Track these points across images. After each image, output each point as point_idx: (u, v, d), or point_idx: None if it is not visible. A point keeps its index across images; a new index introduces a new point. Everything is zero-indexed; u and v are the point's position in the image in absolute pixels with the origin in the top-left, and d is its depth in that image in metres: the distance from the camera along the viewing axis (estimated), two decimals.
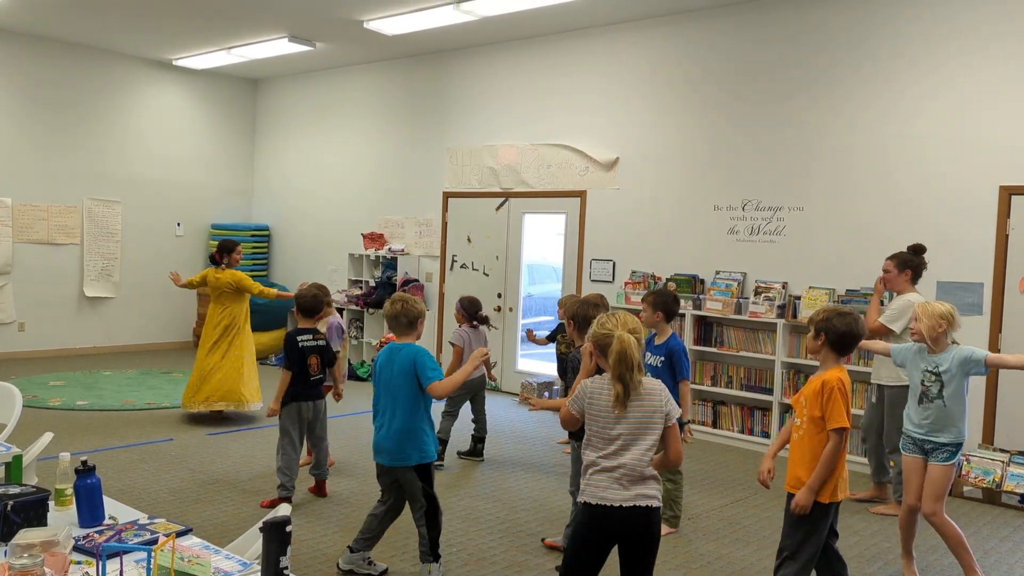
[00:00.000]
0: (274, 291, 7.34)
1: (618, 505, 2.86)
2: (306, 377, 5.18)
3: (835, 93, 6.88)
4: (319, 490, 5.37)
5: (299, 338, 5.22)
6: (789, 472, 3.47)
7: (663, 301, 4.86)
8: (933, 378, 4.07)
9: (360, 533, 4.05)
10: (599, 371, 4.01)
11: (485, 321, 6.40)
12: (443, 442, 6.12)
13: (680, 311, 7.30)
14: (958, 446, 4.08)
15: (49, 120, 10.19)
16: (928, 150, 6.44)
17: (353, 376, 9.50)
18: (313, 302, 5.36)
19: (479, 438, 6.35)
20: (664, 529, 4.60)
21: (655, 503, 2.89)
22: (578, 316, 4.17)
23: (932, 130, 6.42)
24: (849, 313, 3.45)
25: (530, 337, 6.77)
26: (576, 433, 4.11)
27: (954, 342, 4.10)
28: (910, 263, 5.44)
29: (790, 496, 3.43)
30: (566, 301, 6.50)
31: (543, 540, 4.59)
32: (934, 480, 4.08)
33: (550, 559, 4.38)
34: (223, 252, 7.21)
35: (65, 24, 9.39)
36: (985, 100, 6.18)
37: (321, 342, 5.31)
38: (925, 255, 5.54)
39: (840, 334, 3.40)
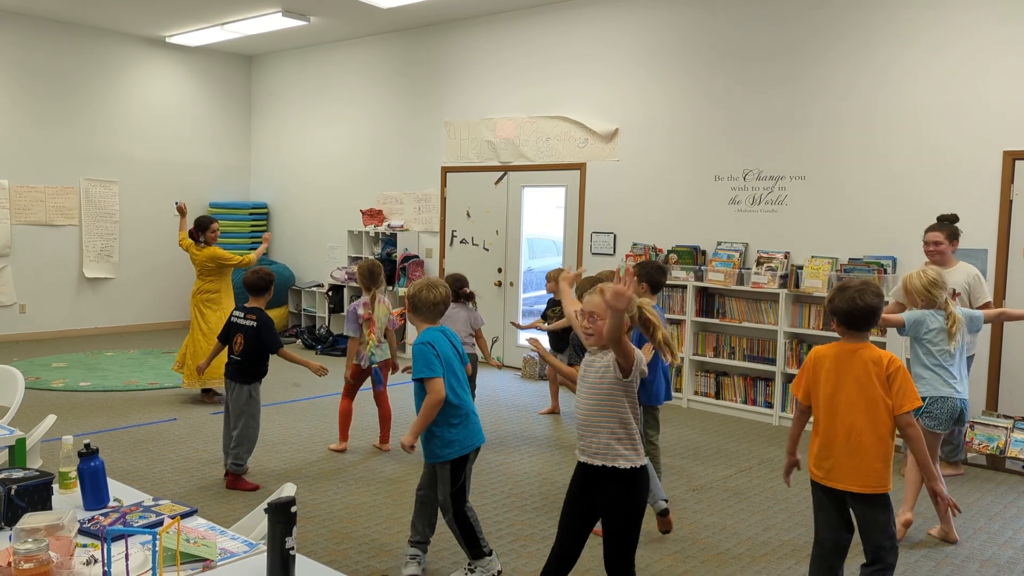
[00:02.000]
0: (251, 255, 7.31)
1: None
2: (228, 354, 5.11)
3: (835, 60, 6.80)
4: (229, 481, 5.05)
5: (234, 313, 5.14)
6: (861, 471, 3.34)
7: (647, 272, 4.94)
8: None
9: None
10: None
11: (470, 298, 6.22)
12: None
13: (682, 283, 7.31)
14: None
15: (43, 100, 10.10)
16: (930, 115, 6.37)
17: None
18: (257, 281, 5.14)
19: None
20: None
21: None
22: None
23: (934, 95, 6.35)
24: (847, 287, 3.24)
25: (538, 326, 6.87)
26: None
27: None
28: (958, 233, 5.39)
29: (876, 498, 3.25)
30: (557, 276, 6.47)
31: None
32: None
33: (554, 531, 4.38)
34: (199, 230, 7.25)
35: (56, 2, 9.27)
36: (989, 63, 6.11)
37: (252, 323, 5.03)
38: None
39: (845, 313, 3.23)
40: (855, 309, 3.20)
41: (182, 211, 7.51)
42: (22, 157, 9.98)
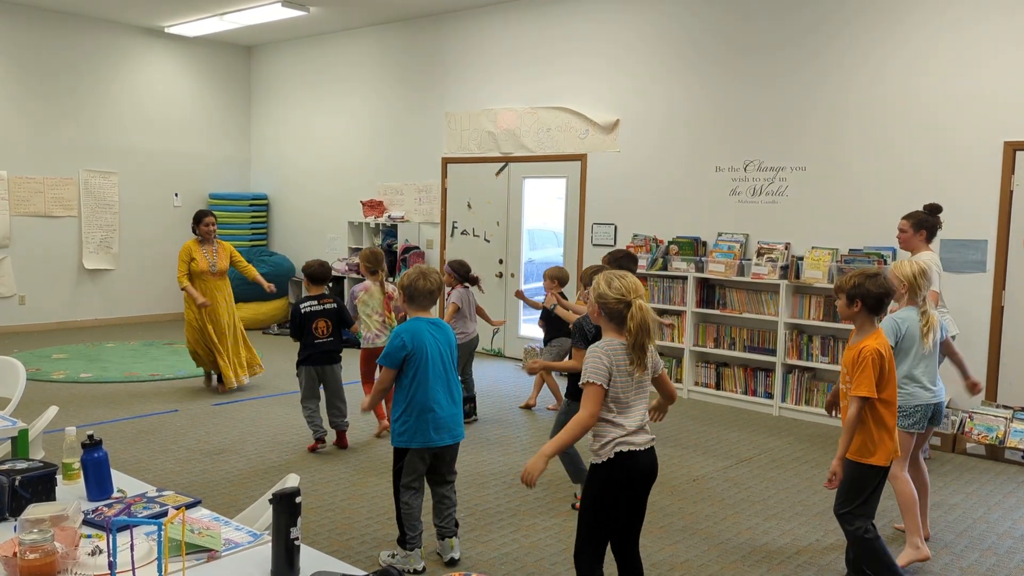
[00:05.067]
0: (184, 283, 6.97)
1: (641, 448, 2.93)
2: (311, 341, 5.46)
3: (835, 49, 6.78)
4: (340, 440, 5.68)
5: (302, 306, 5.46)
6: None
7: (616, 260, 5.10)
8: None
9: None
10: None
11: (476, 282, 6.55)
12: (470, 399, 6.42)
13: (683, 274, 7.32)
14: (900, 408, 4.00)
15: (42, 91, 10.07)
16: (931, 105, 6.36)
17: (356, 343, 9.49)
18: (320, 270, 5.64)
19: (468, 398, 6.41)
20: None
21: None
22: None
23: (934, 85, 6.34)
24: (878, 273, 3.43)
25: (519, 296, 6.92)
26: (573, 391, 4.26)
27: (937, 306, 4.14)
28: (925, 223, 5.38)
29: (847, 462, 3.44)
30: (554, 274, 6.53)
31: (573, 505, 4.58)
32: None
33: (557, 515, 4.41)
34: (194, 223, 7.14)
35: None
36: (990, 52, 6.09)
37: (329, 306, 5.54)
38: (941, 214, 5.50)
39: (877, 298, 3.38)
40: (890, 293, 3.44)
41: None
42: (21, 148, 9.95)
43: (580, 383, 2.92)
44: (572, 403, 4.25)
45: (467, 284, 6.48)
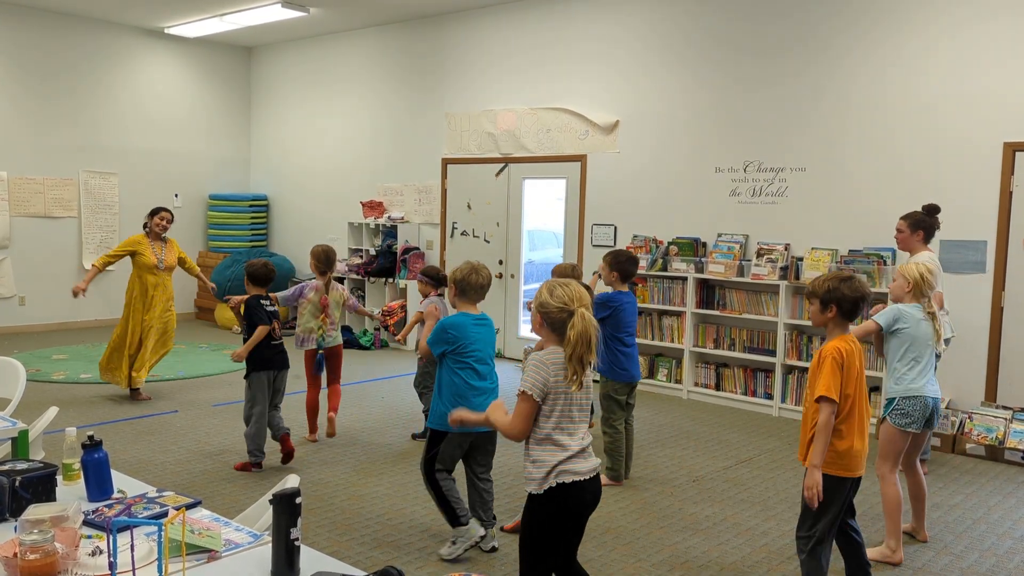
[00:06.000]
0: (99, 262, 7.27)
1: (586, 478, 2.77)
2: (268, 343, 5.15)
3: (836, 51, 6.79)
4: (287, 446, 5.26)
5: (264, 301, 5.22)
6: (800, 446, 3.40)
7: (618, 261, 5.07)
8: None
9: None
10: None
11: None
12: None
13: (683, 274, 7.32)
14: (888, 401, 4.06)
15: (41, 92, 10.08)
16: (931, 106, 6.37)
17: (356, 345, 9.50)
18: (263, 271, 5.29)
19: None
20: (604, 480, 4.77)
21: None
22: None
23: (935, 85, 6.34)
24: (852, 277, 3.28)
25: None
26: None
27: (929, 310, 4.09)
28: (923, 223, 5.37)
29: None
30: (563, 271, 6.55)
31: (502, 527, 4.33)
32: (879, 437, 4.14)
33: None
34: (148, 216, 7.14)
35: None
36: (990, 53, 6.10)
37: (274, 308, 5.29)
38: (939, 215, 5.49)
39: (852, 302, 3.22)
40: (866, 297, 3.29)
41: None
42: (21, 149, 9.96)
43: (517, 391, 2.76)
44: None
45: (442, 292, 6.29)
